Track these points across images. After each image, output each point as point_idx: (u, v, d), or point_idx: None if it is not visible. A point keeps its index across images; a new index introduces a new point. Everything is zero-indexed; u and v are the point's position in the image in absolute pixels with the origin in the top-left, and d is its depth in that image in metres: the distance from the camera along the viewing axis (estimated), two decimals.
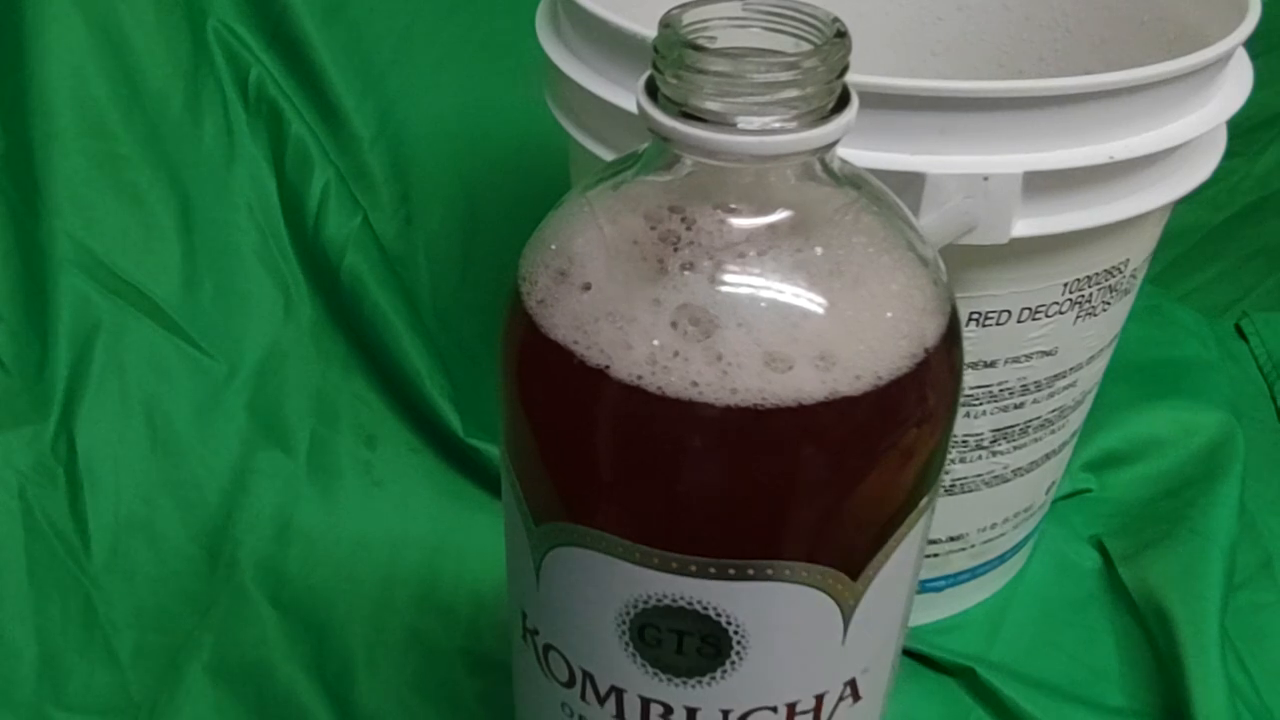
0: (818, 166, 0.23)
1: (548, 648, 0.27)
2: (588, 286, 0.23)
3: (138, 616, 0.46)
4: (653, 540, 0.23)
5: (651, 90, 0.22)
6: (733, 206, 0.22)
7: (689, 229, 0.22)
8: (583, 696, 0.26)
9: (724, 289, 0.22)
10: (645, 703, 0.25)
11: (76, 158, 0.54)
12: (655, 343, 0.22)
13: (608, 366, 0.22)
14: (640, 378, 0.22)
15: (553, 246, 0.24)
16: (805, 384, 0.21)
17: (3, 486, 0.49)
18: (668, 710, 0.25)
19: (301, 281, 0.58)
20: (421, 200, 0.61)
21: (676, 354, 0.22)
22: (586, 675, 0.26)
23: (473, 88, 0.60)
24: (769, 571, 0.23)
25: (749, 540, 0.23)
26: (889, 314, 0.23)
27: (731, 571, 0.23)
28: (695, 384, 0.21)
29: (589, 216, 0.24)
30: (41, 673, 0.44)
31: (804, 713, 0.26)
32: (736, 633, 0.24)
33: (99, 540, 0.48)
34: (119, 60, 0.55)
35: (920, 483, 0.24)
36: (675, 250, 0.22)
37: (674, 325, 0.22)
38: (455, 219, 0.62)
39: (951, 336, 0.24)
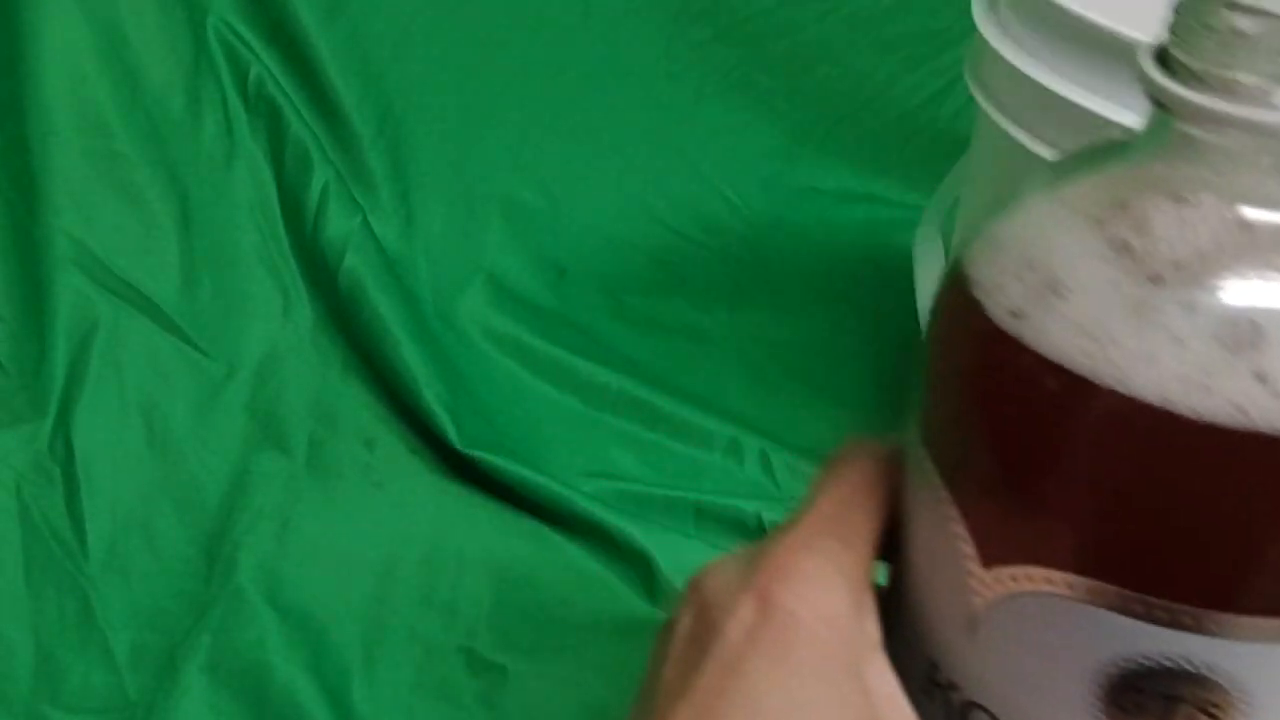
0: None
1: (970, 706, 0.23)
2: (1083, 292, 0.20)
3: (135, 616, 0.46)
4: (1161, 590, 0.20)
5: (1163, 59, 0.19)
6: (1257, 199, 0.19)
7: (1210, 226, 0.19)
8: None
9: (1265, 295, 0.19)
10: None
11: (75, 156, 0.54)
12: (1185, 357, 0.19)
13: (1121, 384, 0.19)
14: (1168, 399, 0.19)
15: (1024, 247, 0.21)
16: None
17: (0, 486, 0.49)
18: None
19: (300, 282, 0.58)
20: (421, 200, 0.60)
21: (1213, 371, 0.19)
22: None
23: (472, 86, 0.60)
24: None
25: None
26: None
27: (1260, 631, 0.20)
28: (1240, 407, 0.18)
29: (1072, 212, 0.21)
30: (38, 672, 0.43)
31: None
32: (1247, 704, 0.20)
33: (96, 540, 0.48)
34: (119, 58, 0.55)
35: None
36: (1199, 249, 0.19)
37: (1209, 336, 0.19)
38: (455, 219, 0.61)
39: None
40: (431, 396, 0.53)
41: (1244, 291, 0.19)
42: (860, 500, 0.25)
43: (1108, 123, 0.34)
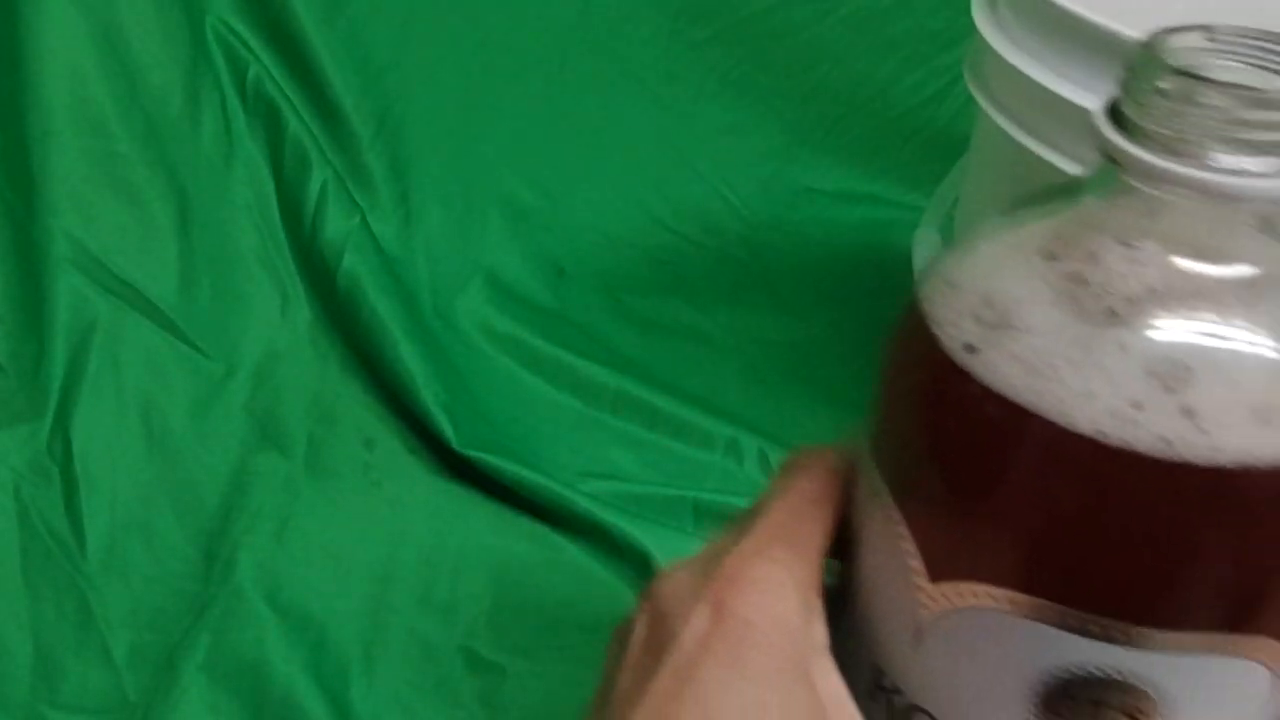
0: None
1: (913, 709, 0.24)
2: (1031, 331, 0.21)
3: (134, 616, 0.46)
4: (1091, 606, 0.21)
5: (1114, 114, 0.21)
6: (1193, 250, 0.21)
7: (1149, 271, 0.21)
8: None
9: (1196, 338, 0.20)
10: None
11: (74, 156, 0.54)
12: (1119, 392, 0.20)
13: (1061, 417, 0.20)
14: (1102, 432, 0.20)
15: (979, 287, 0.22)
16: None
17: None
18: None
19: (299, 282, 0.58)
20: (421, 200, 0.60)
21: (1144, 406, 0.20)
22: None
23: (472, 86, 0.60)
24: (1229, 647, 0.21)
25: (1211, 611, 0.21)
26: None
27: (1181, 644, 0.21)
28: (1167, 440, 0.20)
29: (1023, 254, 0.22)
30: (36, 672, 0.43)
31: None
32: (1168, 709, 0.22)
33: (95, 540, 0.48)
34: (117, 58, 0.55)
35: None
36: (1138, 292, 0.21)
37: (1142, 374, 0.20)
38: (455, 219, 0.61)
39: None
40: (430, 396, 0.53)
41: (1176, 334, 0.20)
42: (812, 509, 0.26)
43: None
